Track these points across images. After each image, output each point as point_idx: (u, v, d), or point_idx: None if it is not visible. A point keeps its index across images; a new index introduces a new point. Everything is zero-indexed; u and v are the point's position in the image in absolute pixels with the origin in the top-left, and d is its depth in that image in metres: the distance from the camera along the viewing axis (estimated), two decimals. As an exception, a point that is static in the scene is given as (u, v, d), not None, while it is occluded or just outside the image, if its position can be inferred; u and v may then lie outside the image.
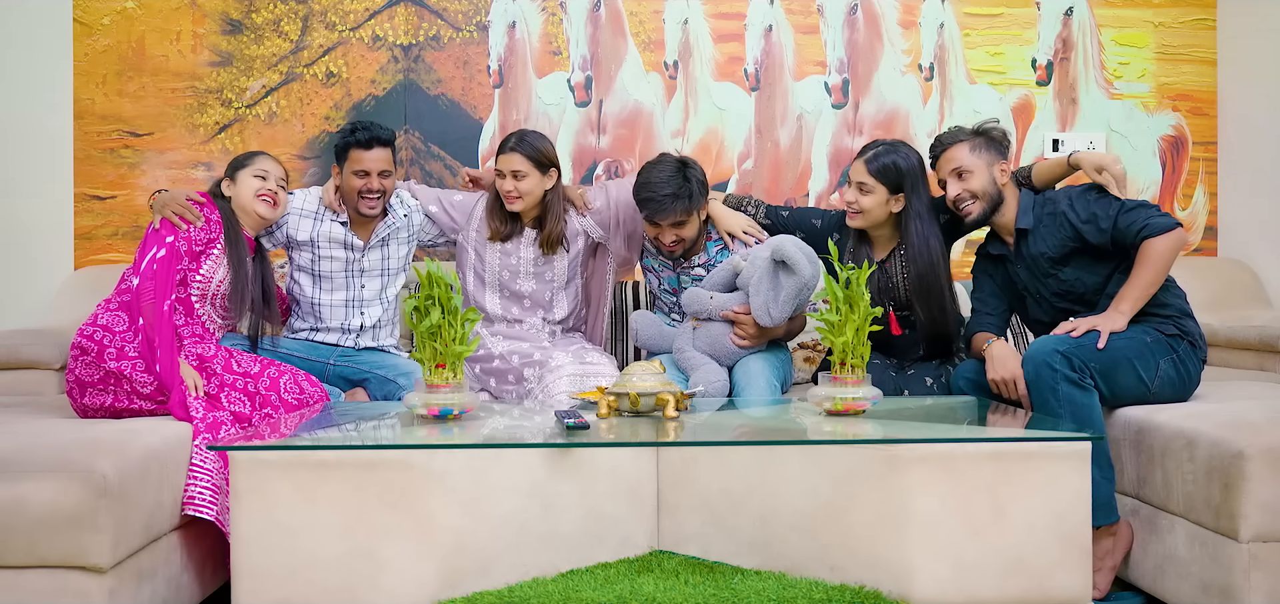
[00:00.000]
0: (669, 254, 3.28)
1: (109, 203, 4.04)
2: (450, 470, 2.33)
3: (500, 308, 3.38)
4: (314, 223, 3.27)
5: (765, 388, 3.07)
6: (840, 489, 2.38)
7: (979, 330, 3.07)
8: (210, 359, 2.88)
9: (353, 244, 3.28)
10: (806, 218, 3.36)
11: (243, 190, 3.04)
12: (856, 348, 2.51)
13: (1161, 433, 2.63)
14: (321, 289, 3.29)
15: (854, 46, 4.15)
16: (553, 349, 3.27)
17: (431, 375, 2.47)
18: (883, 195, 3.11)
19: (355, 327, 3.30)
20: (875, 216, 3.13)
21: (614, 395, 2.60)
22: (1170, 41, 4.19)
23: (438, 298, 2.46)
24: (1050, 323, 3.00)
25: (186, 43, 4.04)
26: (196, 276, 2.92)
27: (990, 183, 3.00)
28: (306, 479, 2.26)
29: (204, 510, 2.61)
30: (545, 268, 3.37)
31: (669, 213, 3.15)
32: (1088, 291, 2.95)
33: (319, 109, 4.07)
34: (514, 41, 4.10)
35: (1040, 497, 2.29)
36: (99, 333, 2.79)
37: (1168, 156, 4.20)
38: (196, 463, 2.65)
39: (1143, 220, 2.83)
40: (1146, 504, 2.72)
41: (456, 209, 3.43)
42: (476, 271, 3.39)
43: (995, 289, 3.12)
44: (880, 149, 3.12)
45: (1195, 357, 2.86)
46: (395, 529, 2.27)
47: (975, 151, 3.00)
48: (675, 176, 3.15)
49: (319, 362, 3.24)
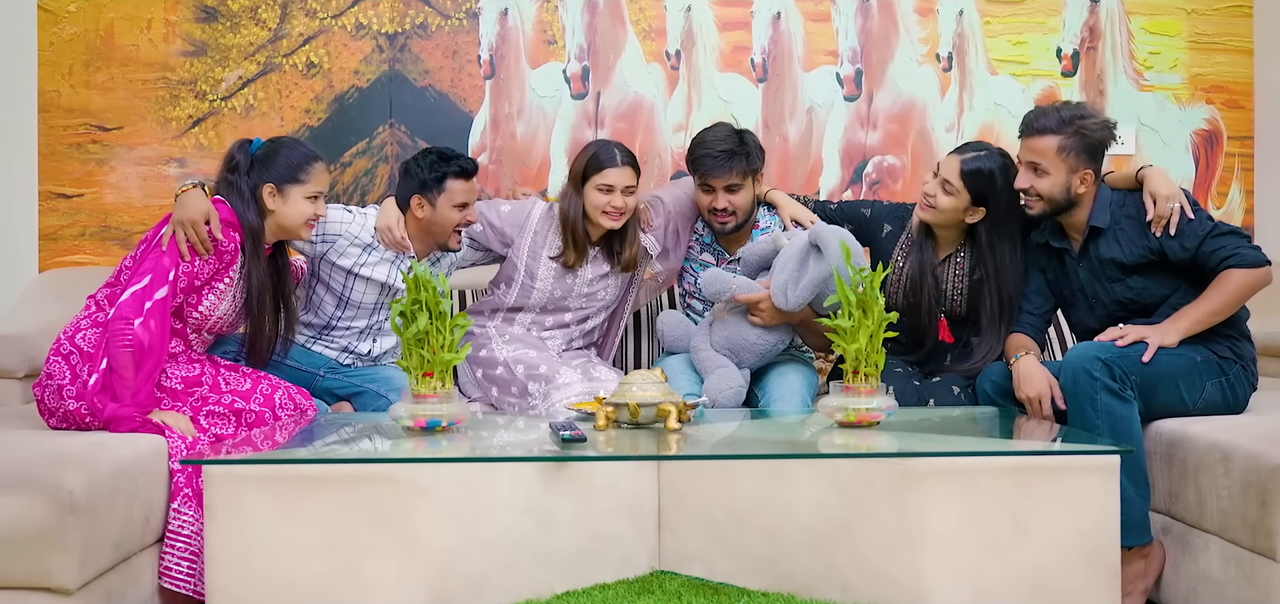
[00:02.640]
0: (719, 226, 3.31)
1: (76, 201, 4.05)
2: (439, 485, 2.33)
3: (535, 318, 3.34)
4: (361, 254, 3.13)
5: (800, 404, 3.06)
6: (852, 505, 2.39)
7: (1016, 330, 3.05)
8: (197, 379, 2.80)
9: (394, 287, 3.17)
10: (855, 209, 3.40)
11: (292, 212, 2.84)
12: (870, 355, 2.51)
13: (1195, 446, 2.64)
14: (344, 314, 3.19)
15: (867, 35, 4.17)
16: (560, 365, 3.23)
17: (419, 384, 2.47)
18: (964, 201, 3.10)
19: (361, 351, 3.24)
20: (948, 219, 3.14)
21: (613, 406, 2.61)
22: (1204, 30, 4.20)
23: (425, 302, 2.46)
24: (1099, 330, 2.95)
25: (158, 31, 4.05)
26: (195, 313, 2.77)
27: (1063, 190, 2.91)
28: (286, 495, 2.27)
29: (180, 584, 2.56)
30: (599, 287, 3.34)
31: (725, 171, 3.22)
32: (1151, 302, 2.92)
33: (299, 102, 4.08)
34: (506, 30, 4.12)
35: (1065, 514, 2.30)
36: (74, 356, 2.68)
37: (1201, 152, 4.21)
38: (174, 528, 2.59)
39: (1232, 249, 2.80)
40: (1179, 522, 2.72)
41: (506, 220, 3.33)
42: (524, 286, 3.29)
43: (1044, 285, 3.09)
44: (980, 154, 3.10)
45: (1245, 381, 2.85)
46: (380, 548, 2.27)
47: (1063, 153, 2.89)
48: (732, 136, 3.27)
49: (307, 371, 3.17)
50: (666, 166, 4.09)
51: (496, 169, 4.10)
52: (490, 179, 4.08)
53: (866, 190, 4.14)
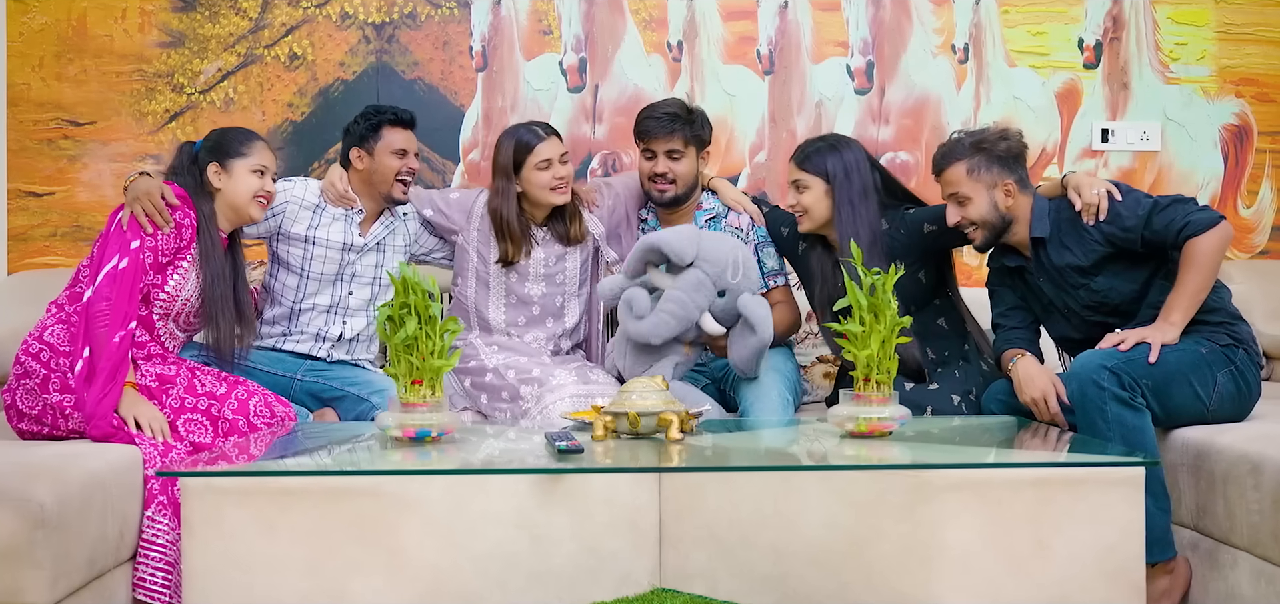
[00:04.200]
0: (658, 194, 3.37)
1: (46, 200, 4.05)
2: (428, 499, 2.33)
3: (505, 317, 3.39)
4: (313, 216, 3.30)
5: (778, 404, 3.08)
6: (863, 520, 2.38)
7: (1007, 347, 3.07)
8: (171, 379, 2.84)
9: (352, 243, 3.31)
10: (790, 217, 3.38)
11: (237, 186, 2.97)
12: (882, 362, 2.51)
13: (1223, 457, 2.64)
14: (306, 290, 3.30)
15: (879, 25, 4.17)
16: (554, 367, 3.26)
17: (407, 392, 2.47)
18: (821, 187, 3.18)
19: (333, 335, 3.31)
20: (822, 216, 3.20)
21: (611, 415, 2.60)
22: (1234, 20, 4.20)
23: (414, 306, 2.46)
24: (1083, 340, 2.99)
25: (133, 21, 4.05)
26: (161, 294, 2.86)
27: (991, 208, 2.99)
28: (267, 509, 2.26)
29: (155, 596, 2.59)
30: (557, 269, 3.40)
31: (666, 132, 3.33)
32: (1124, 302, 2.95)
33: (281, 95, 4.08)
34: (499, 19, 4.12)
35: (1087, 529, 2.29)
36: (45, 353, 2.75)
37: (1230, 148, 4.21)
38: (148, 537, 2.62)
39: (1182, 218, 2.83)
40: (1207, 537, 2.72)
41: (453, 206, 3.46)
42: (480, 275, 3.40)
43: (1017, 301, 3.12)
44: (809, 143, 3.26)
45: (1253, 365, 2.88)
46: (366, 565, 2.27)
47: (974, 174, 2.98)
48: (680, 105, 3.40)
49: (284, 376, 3.22)
50: (668, 163, 4.09)
51: (489, 166, 4.09)
52: (482, 176, 4.07)
53: (878, 188, 4.13)
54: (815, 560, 2.44)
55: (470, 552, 2.38)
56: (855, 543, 2.39)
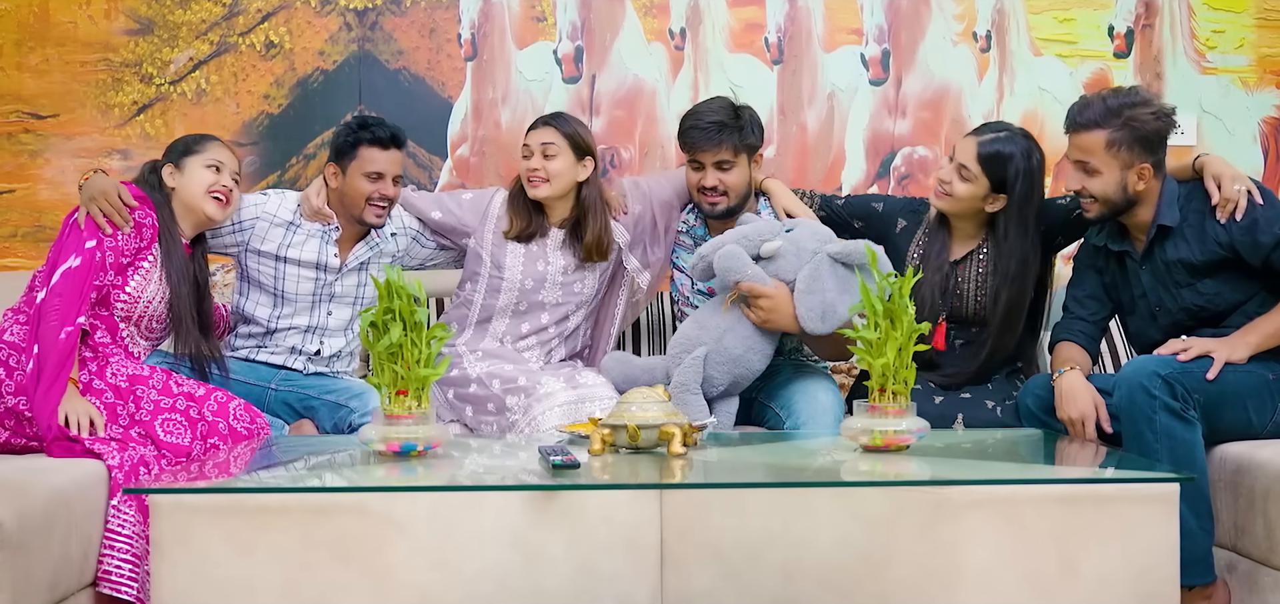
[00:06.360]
0: (709, 207, 3.33)
1: (6, 198, 4.06)
2: (415, 517, 2.34)
3: (509, 325, 3.39)
4: (285, 233, 3.27)
5: (833, 424, 3.06)
6: (879, 539, 2.39)
7: (1065, 338, 3.05)
8: (144, 378, 2.87)
9: (328, 265, 3.28)
10: (864, 204, 3.43)
11: (191, 182, 3.02)
12: (899, 371, 2.52)
13: (1264, 472, 2.64)
14: (283, 311, 3.29)
15: (896, 11, 4.18)
16: (541, 374, 3.27)
17: (392, 404, 2.47)
18: (984, 188, 3.13)
19: (309, 351, 3.31)
20: (966, 208, 3.16)
21: (610, 428, 2.61)
22: (1273, 6, 4.21)
23: (399, 312, 2.47)
24: (1161, 341, 2.93)
25: (99, 7, 4.06)
26: (122, 296, 2.90)
27: (1118, 190, 2.89)
28: (242, 528, 2.27)
29: (121, 589, 2.61)
30: (575, 279, 3.39)
31: (714, 144, 3.26)
32: (1224, 310, 2.91)
33: (257, 86, 4.09)
34: (490, 6, 4.13)
35: (1118, 549, 2.30)
36: (4, 352, 2.80)
37: (1270, 142, 4.22)
38: (113, 528, 2.64)
39: None
40: (1245, 557, 2.73)
41: (467, 208, 3.43)
42: (491, 280, 3.37)
43: (1099, 289, 3.09)
44: (1000, 135, 3.13)
45: None
46: (349, 587, 2.27)
47: (1113, 148, 2.86)
48: (727, 109, 3.32)
49: (258, 385, 3.24)
50: (670, 157, 4.09)
51: (479, 162, 4.11)
52: (472, 173, 4.08)
53: (894, 185, 4.15)
54: (827, 582, 2.44)
55: (460, 573, 2.39)
56: (870, 564, 2.40)
